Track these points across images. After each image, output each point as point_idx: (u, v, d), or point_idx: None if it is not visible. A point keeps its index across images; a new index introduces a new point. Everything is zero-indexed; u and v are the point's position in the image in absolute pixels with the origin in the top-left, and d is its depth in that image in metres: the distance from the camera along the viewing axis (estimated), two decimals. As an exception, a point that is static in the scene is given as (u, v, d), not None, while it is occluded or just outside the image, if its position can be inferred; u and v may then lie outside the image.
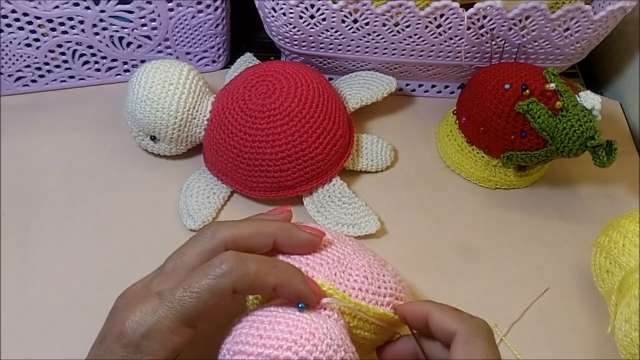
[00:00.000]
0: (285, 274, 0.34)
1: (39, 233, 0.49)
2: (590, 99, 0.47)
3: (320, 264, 0.36)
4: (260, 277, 0.33)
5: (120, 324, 0.32)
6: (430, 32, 0.53)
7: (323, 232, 0.38)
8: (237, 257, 0.33)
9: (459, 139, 0.55)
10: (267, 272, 0.33)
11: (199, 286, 0.32)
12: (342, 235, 0.41)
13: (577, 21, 0.52)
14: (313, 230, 0.37)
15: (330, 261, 0.37)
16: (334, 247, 0.38)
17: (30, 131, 0.56)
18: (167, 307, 0.32)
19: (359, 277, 0.36)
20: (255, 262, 0.33)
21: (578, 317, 0.47)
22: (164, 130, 0.50)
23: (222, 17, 0.58)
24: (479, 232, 0.52)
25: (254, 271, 0.33)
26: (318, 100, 0.50)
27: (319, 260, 0.37)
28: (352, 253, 0.38)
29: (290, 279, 0.34)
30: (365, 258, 0.38)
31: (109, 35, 0.56)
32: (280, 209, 0.40)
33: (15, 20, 0.53)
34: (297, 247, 0.37)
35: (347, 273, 0.36)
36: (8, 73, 0.57)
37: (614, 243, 0.44)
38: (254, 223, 0.36)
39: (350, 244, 0.40)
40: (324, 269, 0.36)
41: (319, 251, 0.37)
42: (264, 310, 0.34)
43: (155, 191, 0.52)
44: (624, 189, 0.56)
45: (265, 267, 0.33)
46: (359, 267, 0.37)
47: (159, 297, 0.32)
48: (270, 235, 0.36)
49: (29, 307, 0.45)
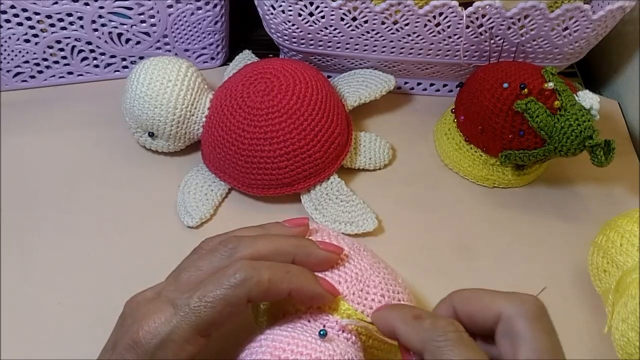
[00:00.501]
0: (299, 279, 0.34)
1: (36, 229, 0.49)
2: (588, 99, 0.47)
3: (339, 282, 0.36)
4: (275, 285, 0.33)
5: (133, 333, 0.32)
6: (429, 30, 0.53)
7: (341, 248, 0.38)
8: (250, 266, 0.33)
9: (457, 137, 0.55)
10: (281, 279, 0.33)
11: (213, 296, 0.32)
12: (357, 246, 0.40)
13: (576, 20, 0.52)
14: (331, 247, 0.37)
15: (348, 278, 0.36)
16: (351, 262, 0.38)
17: (28, 127, 0.56)
18: (181, 317, 0.32)
19: (377, 295, 0.36)
20: (268, 269, 0.33)
21: (575, 317, 0.47)
22: (162, 126, 0.50)
23: (221, 14, 0.58)
24: (477, 230, 0.52)
25: (267, 279, 0.33)
26: (316, 98, 0.50)
27: (337, 277, 0.36)
28: (369, 268, 0.38)
29: (304, 284, 0.34)
30: (381, 274, 0.38)
31: (107, 32, 0.56)
32: (297, 222, 0.39)
33: (14, 16, 0.53)
34: (316, 265, 0.36)
35: (365, 291, 0.36)
36: (7, 69, 0.57)
37: (611, 243, 0.44)
38: (272, 241, 0.36)
39: (366, 255, 0.39)
40: (342, 287, 0.36)
41: (337, 267, 0.37)
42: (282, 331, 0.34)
43: (153, 188, 0.52)
44: (622, 188, 0.56)
45: (278, 274, 0.33)
46: (375, 284, 0.37)
47: (172, 307, 0.32)
48: (288, 254, 0.36)
49: (29, 306, 0.45)
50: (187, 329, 0.32)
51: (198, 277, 0.34)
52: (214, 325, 0.32)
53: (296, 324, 0.34)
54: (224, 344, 0.37)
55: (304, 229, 0.39)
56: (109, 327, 0.36)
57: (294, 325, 0.34)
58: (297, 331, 0.33)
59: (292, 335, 0.33)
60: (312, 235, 0.40)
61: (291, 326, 0.34)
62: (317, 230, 0.41)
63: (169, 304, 0.33)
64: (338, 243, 0.39)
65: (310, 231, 0.40)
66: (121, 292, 0.45)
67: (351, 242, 0.40)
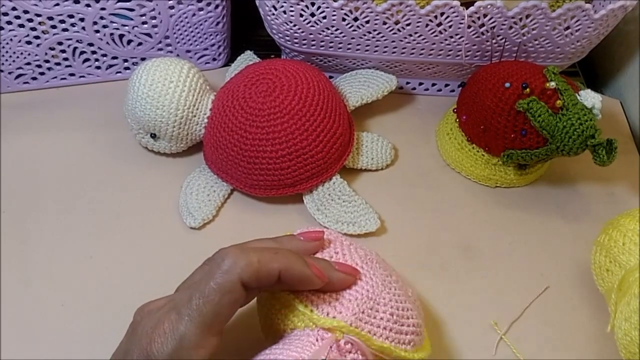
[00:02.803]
0: (288, 259, 0.34)
1: (39, 231, 0.49)
2: (590, 98, 0.47)
3: (349, 300, 0.36)
4: (264, 265, 0.33)
5: (146, 345, 0.32)
6: (430, 30, 0.53)
7: (357, 270, 0.37)
8: (238, 249, 0.33)
9: (459, 137, 0.55)
10: (270, 259, 0.34)
11: (209, 288, 0.32)
12: (370, 257, 0.40)
13: (578, 20, 0.52)
14: (348, 269, 0.37)
15: (359, 296, 0.36)
16: (364, 279, 0.38)
17: (30, 129, 0.56)
18: (186, 320, 0.32)
19: (386, 314, 0.36)
20: (256, 251, 0.34)
21: (578, 316, 0.47)
22: (164, 128, 0.50)
23: (222, 15, 0.58)
24: (479, 230, 0.52)
25: (256, 260, 0.33)
26: (318, 98, 0.50)
27: (347, 295, 0.36)
28: (381, 284, 0.37)
29: (293, 264, 0.34)
30: (392, 289, 0.38)
31: (109, 33, 0.56)
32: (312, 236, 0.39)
33: (16, 18, 0.53)
34: (330, 288, 0.36)
35: (375, 310, 0.36)
36: (8, 70, 0.57)
37: (614, 242, 0.44)
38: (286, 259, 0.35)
39: (378, 268, 0.39)
40: (352, 305, 0.36)
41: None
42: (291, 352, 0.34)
43: (155, 189, 0.52)
44: (624, 187, 0.56)
45: (267, 255, 0.34)
46: (386, 302, 0.37)
47: (176, 312, 0.32)
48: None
49: (29, 306, 0.45)
50: (195, 332, 0.32)
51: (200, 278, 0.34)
52: (218, 318, 0.32)
53: (304, 342, 0.34)
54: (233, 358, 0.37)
55: (320, 244, 0.39)
56: (112, 328, 0.36)
57: (302, 345, 0.34)
58: (306, 352, 0.33)
59: (302, 356, 0.33)
60: (326, 247, 0.40)
61: (300, 345, 0.34)
62: (331, 241, 0.40)
63: (173, 311, 0.33)
64: (352, 254, 0.39)
65: (324, 242, 0.40)
66: (124, 293, 0.46)
67: (364, 253, 0.40)
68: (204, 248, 0.39)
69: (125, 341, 0.34)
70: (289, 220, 0.51)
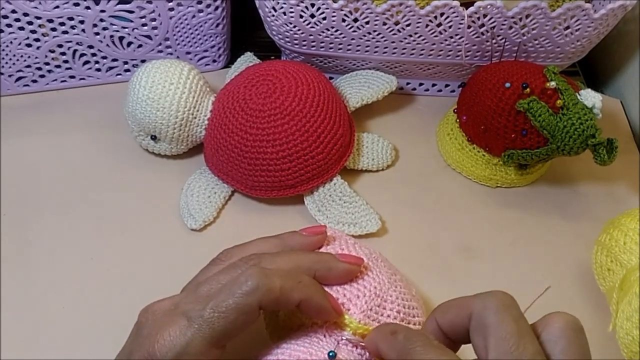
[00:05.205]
0: (310, 290, 0.34)
1: (39, 233, 0.49)
2: (590, 97, 0.47)
3: (357, 296, 0.36)
4: (285, 293, 0.33)
5: (149, 346, 0.32)
6: (430, 30, 0.53)
7: (361, 259, 0.38)
8: (262, 274, 0.33)
9: (460, 137, 0.55)
10: (292, 288, 0.33)
11: (226, 305, 0.32)
12: (375, 255, 0.40)
13: (578, 19, 0.52)
14: (351, 259, 0.37)
15: (367, 292, 0.36)
16: (370, 275, 0.38)
17: (30, 131, 0.56)
18: (195, 330, 0.32)
19: (392, 312, 0.36)
20: (280, 278, 0.33)
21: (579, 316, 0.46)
22: (165, 130, 0.50)
23: (222, 17, 0.58)
24: (480, 230, 0.52)
25: (279, 287, 0.32)
26: (319, 99, 0.50)
27: (355, 291, 0.36)
28: (387, 281, 0.38)
29: (313, 295, 0.34)
30: (398, 287, 0.38)
31: (109, 35, 0.56)
32: (315, 231, 0.39)
33: (16, 20, 0.53)
34: (337, 279, 0.36)
35: (382, 307, 0.36)
36: (8, 73, 0.57)
37: (615, 241, 0.44)
38: (292, 257, 0.36)
39: (383, 266, 0.39)
40: (360, 301, 0.36)
41: (357, 279, 0.37)
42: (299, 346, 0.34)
43: (156, 191, 0.52)
44: (624, 187, 0.56)
45: (289, 283, 0.33)
46: (393, 299, 0.37)
47: (186, 319, 0.32)
48: (309, 270, 0.36)
49: (30, 307, 0.45)
50: (202, 342, 0.31)
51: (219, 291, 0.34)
52: (227, 335, 0.32)
53: (312, 338, 0.34)
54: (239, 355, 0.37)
55: (322, 237, 0.39)
56: (113, 330, 0.36)
57: (310, 341, 0.34)
58: (314, 347, 0.33)
59: (310, 352, 0.33)
60: (330, 244, 0.40)
61: (308, 341, 0.34)
62: (335, 238, 0.40)
63: (184, 316, 0.32)
64: (356, 252, 0.39)
65: (328, 239, 0.40)
66: (125, 295, 0.46)
67: (369, 252, 0.40)
68: (205, 249, 0.39)
69: (130, 342, 0.34)
70: (289, 222, 0.50)
